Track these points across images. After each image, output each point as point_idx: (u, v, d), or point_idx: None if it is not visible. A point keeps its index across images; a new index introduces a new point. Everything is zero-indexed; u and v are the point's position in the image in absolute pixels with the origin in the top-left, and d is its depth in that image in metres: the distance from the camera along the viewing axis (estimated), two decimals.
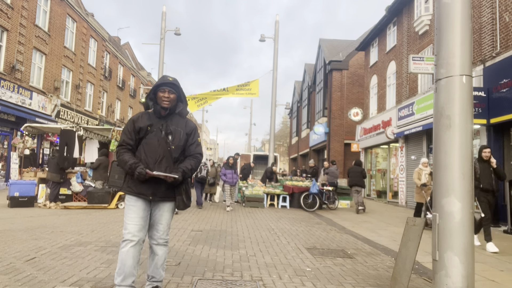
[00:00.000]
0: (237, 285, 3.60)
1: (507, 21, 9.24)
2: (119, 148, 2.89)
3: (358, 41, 23.10)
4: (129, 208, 2.83)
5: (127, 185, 2.86)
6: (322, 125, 24.55)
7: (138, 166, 2.74)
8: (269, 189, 12.92)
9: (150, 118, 2.94)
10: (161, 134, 2.89)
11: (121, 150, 2.88)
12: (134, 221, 2.79)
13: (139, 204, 2.83)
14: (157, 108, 2.94)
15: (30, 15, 16.72)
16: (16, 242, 5.15)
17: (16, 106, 15.51)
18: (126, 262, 2.74)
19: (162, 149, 2.87)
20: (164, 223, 2.93)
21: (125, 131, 2.92)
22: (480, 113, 9.44)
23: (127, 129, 2.92)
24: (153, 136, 2.88)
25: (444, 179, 2.86)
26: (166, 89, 2.91)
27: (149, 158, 2.84)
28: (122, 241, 2.79)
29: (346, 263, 4.72)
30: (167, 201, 2.91)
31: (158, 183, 2.82)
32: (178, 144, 2.93)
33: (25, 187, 9.73)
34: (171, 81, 2.93)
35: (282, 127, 56.56)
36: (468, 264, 2.74)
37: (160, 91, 2.91)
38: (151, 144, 2.87)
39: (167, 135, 2.90)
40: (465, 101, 2.86)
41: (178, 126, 2.97)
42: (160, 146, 2.87)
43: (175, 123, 2.97)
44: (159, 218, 2.92)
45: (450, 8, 2.94)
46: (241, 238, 6.29)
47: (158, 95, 2.92)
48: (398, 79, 15.82)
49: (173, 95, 2.93)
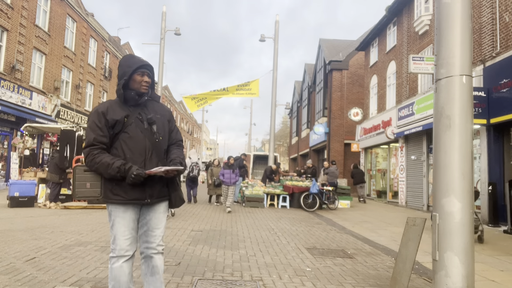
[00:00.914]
0: (237, 285, 3.60)
1: (507, 21, 9.24)
2: (90, 150, 2.34)
3: (358, 41, 23.10)
4: (117, 222, 2.40)
5: (112, 192, 2.35)
6: (322, 125, 24.55)
7: (131, 167, 2.29)
8: (269, 189, 12.92)
9: (123, 108, 2.44)
10: (142, 125, 2.43)
11: (93, 151, 2.33)
12: (124, 235, 2.39)
13: (129, 214, 2.41)
14: (131, 95, 2.44)
15: (30, 15, 16.72)
16: (16, 242, 5.15)
17: (16, 106, 15.51)
18: (120, 278, 2.40)
19: (150, 142, 2.43)
20: (162, 227, 2.53)
21: (93, 127, 2.36)
22: (480, 113, 9.44)
23: (95, 125, 2.36)
24: (134, 129, 2.40)
25: (444, 179, 2.86)
26: (146, 72, 2.46)
27: (136, 155, 2.37)
28: (112, 257, 2.42)
29: (346, 263, 4.72)
30: (163, 201, 2.51)
31: (153, 182, 2.41)
32: (164, 134, 2.52)
33: (25, 187, 9.73)
34: (148, 63, 2.49)
35: (282, 127, 56.57)
36: (468, 264, 2.74)
37: (137, 74, 2.44)
38: (134, 138, 2.39)
39: (150, 125, 2.46)
40: (465, 101, 2.86)
41: (157, 113, 2.54)
42: (147, 139, 2.42)
43: (152, 110, 2.54)
44: (156, 223, 2.49)
45: (450, 8, 2.94)
46: (241, 238, 6.29)
47: (134, 78, 2.44)
48: (398, 79, 15.82)
49: (150, 79, 2.50)
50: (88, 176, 2.35)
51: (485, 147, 9.75)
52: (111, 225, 2.44)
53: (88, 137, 2.37)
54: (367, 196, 19.16)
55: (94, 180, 2.36)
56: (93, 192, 2.36)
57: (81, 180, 2.35)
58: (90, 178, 2.36)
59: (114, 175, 2.29)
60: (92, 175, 2.36)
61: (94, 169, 2.34)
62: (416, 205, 13.73)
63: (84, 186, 2.34)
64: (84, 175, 2.35)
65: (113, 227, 2.43)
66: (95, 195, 2.36)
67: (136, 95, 2.45)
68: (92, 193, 2.36)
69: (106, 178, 2.35)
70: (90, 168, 2.35)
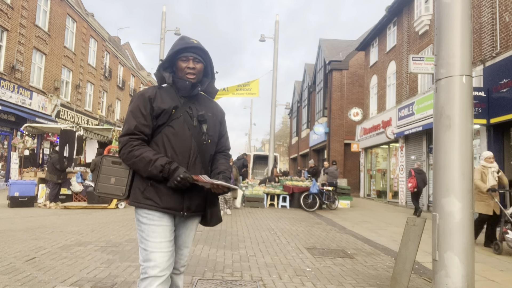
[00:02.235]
0: (237, 285, 3.60)
1: (507, 21, 9.24)
2: (129, 139, 1.90)
3: (358, 41, 23.10)
4: (152, 231, 1.88)
5: (143, 195, 1.90)
6: (322, 125, 24.56)
7: (177, 168, 1.85)
8: (269, 189, 12.92)
9: (173, 97, 2.02)
10: (191, 121, 2.00)
11: (133, 141, 1.90)
12: (162, 247, 1.87)
13: (165, 222, 1.92)
14: (183, 84, 2.01)
15: (30, 15, 16.72)
16: (16, 242, 5.15)
17: (16, 106, 15.51)
18: None
19: (196, 143, 1.98)
20: (190, 246, 2.13)
21: (136, 112, 1.94)
22: (480, 113, 9.44)
23: (139, 110, 1.94)
24: (182, 124, 1.96)
25: (444, 179, 2.86)
26: (191, 56, 2.01)
27: (179, 156, 1.94)
28: (143, 279, 1.85)
29: (346, 263, 4.72)
30: (197, 216, 2.08)
31: (193, 193, 1.96)
32: (213, 137, 2.09)
33: (25, 187, 9.74)
34: (197, 44, 2.02)
35: (282, 127, 56.59)
36: (468, 264, 2.74)
37: (181, 60, 2.01)
38: (180, 136, 1.95)
39: (200, 124, 2.02)
40: (465, 101, 2.86)
41: (209, 110, 2.09)
42: (193, 139, 1.98)
43: (204, 106, 2.09)
44: (185, 240, 2.09)
45: (450, 8, 2.94)
46: (241, 238, 6.29)
47: (178, 65, 2.02)
48: (398, 79, 15.82)
49: (200, 65, 2.04)
50: (115, 170, 1.94)
51: (485, 147, 9.75)
52: (142, 236, 1.90)
53: (128, 124, 1.93)
54: (367, 196, 19.18)
55: (121, 176, 1.94)
56: (116, 190, 1.93)
57: (107, 173, 1.94)
58: (117, 172, 1.94)
59: (155, 175, 1.85)
60: (120, 169, 1.94)
61: (130, 163, 1.90)
62: None
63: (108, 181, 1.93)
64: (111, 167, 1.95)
65: (145, 239, 1.88)
66: (118, 194, 1.94)
67: (190, 85, 2.01)
68: (115, 191, 1.93)
69: (140, 176, 1.92)
70: (126, 161, 1.91)
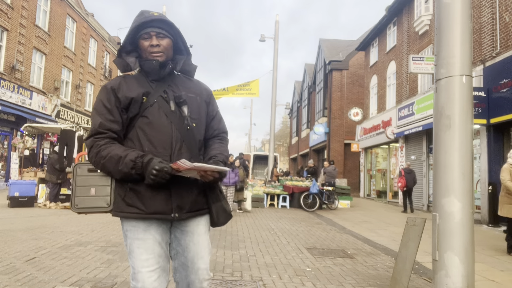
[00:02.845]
0: (237, 285, 3.60)
1: (507, 21, 9.24)
2: (94, 140, 1.64)
3: (358, 41, 23.10)
4: (135, 246, 1.63)
5: (125, 202, 1.62)
6: (322, 125, 24.56)
7: (151, 159, 1.56)
8: (269, 189, 12.92)
9: (142, 83, 1.73)
10: (168, 106, 1.70)
11: (98, 141, 1.63)
12: (147, 265, 1.61)
13: (152, 234, 1.64)
14: (150, 65, 1.71)
15: (30, 15, 16.72)
16: (16, 242, 5.15)
17: (16, 106, 15.51)
18: None
19: (178, 130, 1.69)
20: (206, 255, 1.73)
21: (100, 109, 1.67)
22: (480, 113, 9.44)
23: (102, 106, 1.67)
24: (157, 111, 1.68)
25: (444, 179, 2.86)
26: (152, 32, 1.69)
27: (158, 148, 1.65)
28: None
29: (346, 263, 4.72)
30: (200, 215, 1.73)
31: (183, 188, 1.65)
32: (199, 120, 1.78)
33: (25, 187, 9.73)
34: (158, 16, 1.71)
35: (282, 127, 56.59)
36: (468, 264, 2.74)
37: (142, 39, 1.71)
38: (156, 125, 1.67)
39: (179, 106, 1.72)
40: (465, 101, 2.86)
41: (189, 91, 1.79)
42: (174, 125, 1.69)
43: (182, 88, 1.79)
44: (196, 250, 1.70)
45: (450, 8, 2.94)
46: (241, 238, 6.29)
47: (141, 45, 1.72)
48: (398, 79, 15.82)
49: (166, 40, 1.73)
50: (94, 178, 1.66)
51: (485, 147, 9.75)
52: (129, 251, 1.67)
53: (93, 123, 1.67)
54: (367, 196, 19.17)
55: (102, 184, 1.66)
56: (99, 201, 1.64)
57: (83, 183, 1.65)
58: (96, 181, 1.65)
59: (127, 173, 1.57)
60: (100, 177, 1.66)
61: (100, 167, 1.63)
62: (416, 205, 13.74)
63: (88, 192, 1.64)
64: (88, 177, 1.66)
65: (131, 255, 1.65)
66: (102, 206, 1.65)
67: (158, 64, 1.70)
68: (97, 202, 1.64)
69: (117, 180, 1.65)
70: (96, 165, 1.64)
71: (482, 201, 9.49)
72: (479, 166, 9.88)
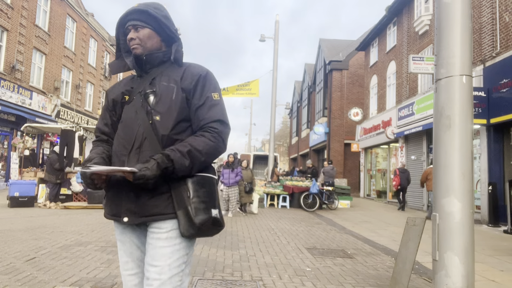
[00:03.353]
0: (237, 285, 3.60)
1: (507, 21, 9.24)
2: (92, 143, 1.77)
3: (358, 41, 23.11)
4: (118, 247, 1.67)
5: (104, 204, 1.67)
6: (322, 125, 24.56)
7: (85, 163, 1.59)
8: (269, 189, 12.92)
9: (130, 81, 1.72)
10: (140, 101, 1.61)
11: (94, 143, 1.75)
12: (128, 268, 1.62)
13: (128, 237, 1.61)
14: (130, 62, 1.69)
15: (30, 15, 16.72)
16: (16, 242, 5.15)
17: (16, 106, 15.51)
18: None
19: (140, 125, 1.56)
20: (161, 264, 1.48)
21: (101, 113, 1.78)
22: (480, 113, 9.45)
23: (102, 109, 1.78)
24: (129, 109, 1.63)
25: (444, 179, 2.86)
26: (130, 26, 1.63)
27: (120, 147, 1.59)
28: None
29: (346, 263, 4.72)
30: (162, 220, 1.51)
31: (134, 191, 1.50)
32: (168, 111, 1.56)
33: (25, 187, 9.73)
34: (135, 8, 1.63)
35: (282, 127, 56.61)
36: (468, 264, 2.74)
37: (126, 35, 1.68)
38: (125, 123, 1.61)
39: (146, 98, 1.60)
40: (465, 101, 2.86)
41: (169, 81, 1.62)
42: (138, 120, 1.58)
43: (168, 77, 1.64)
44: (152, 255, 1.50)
45: (450, 8, 2.94)
46: (241, 238, 6.29)
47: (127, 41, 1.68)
48: (398, 79, 15.82)
49: (144, 31, 1.62)
50: None
51: (485, 147, 9.75)
52: None
53: None
54: (367, 196, 19.17)
55: None
56: None
57: None
58: None
59: None
60: None
61: None
62: (416, 205, 13.74)
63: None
64: None
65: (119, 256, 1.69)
66: None
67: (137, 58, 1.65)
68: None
69: None
70: None
71: (482, 201, 9.49)
72: (479, 166, 9.88)
